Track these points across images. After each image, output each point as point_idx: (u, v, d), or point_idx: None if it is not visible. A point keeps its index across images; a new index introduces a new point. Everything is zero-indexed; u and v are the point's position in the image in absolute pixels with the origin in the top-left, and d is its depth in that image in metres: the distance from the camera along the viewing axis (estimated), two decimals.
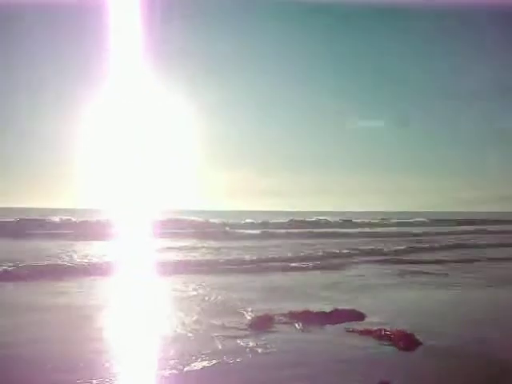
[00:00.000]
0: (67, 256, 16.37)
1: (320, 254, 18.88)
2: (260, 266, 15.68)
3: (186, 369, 5.91)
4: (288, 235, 29.89)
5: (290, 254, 18.43)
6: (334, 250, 20.04)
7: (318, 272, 15.15)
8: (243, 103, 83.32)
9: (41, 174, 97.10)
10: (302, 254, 18.74)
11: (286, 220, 40.58)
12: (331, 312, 8.79)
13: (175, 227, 31.36)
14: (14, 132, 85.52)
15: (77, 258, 15.76)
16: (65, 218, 32.50)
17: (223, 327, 7.88)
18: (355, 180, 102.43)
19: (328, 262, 17.06)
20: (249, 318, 8.41)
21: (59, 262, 14.47)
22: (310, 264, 16.25)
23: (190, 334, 7.47)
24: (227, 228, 32.82)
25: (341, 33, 55.91)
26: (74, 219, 32.35)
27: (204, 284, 11.93)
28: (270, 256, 17.87)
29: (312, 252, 19.29)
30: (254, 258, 17.18)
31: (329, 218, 43.51)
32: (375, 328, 7.71)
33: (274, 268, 15.34)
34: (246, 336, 7.36)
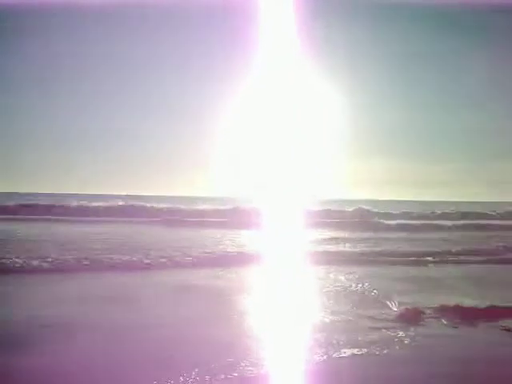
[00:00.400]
0: (221, 244, 17.30)
1: (476, 247, 17.99)
2: (411, 258, 15.41)
3: (334, 355, 6.15)
4: (439, 227, 28.82)
5: (444, 247, 17.82)
6: (492, 244, 18.96)
7: (473, 266, 14.53)
8: (388, 97, 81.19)
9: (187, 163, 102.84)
10: (456, 247, 18.01)
11: (438, 211, 39.14)
12: (486, 308, 8.47)
13: (324, 217, 31.67)
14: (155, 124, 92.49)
15: (229, 247, 16.56)
16: (215, 207, 34.42)
17: (371, 318, 7.97)
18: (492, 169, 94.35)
19: (487, 256, 16.18)
20: (398, 310, 8.42)
21: (216, 250, 15.34)
22: (465, 257, 15.63)
23: (337, 323, 7.66)
24: (376, 218, 32.46)
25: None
26: (222, 207, 34.11)
27: (353, 274, 12.04)
28: (422, 248, 17.46)
29: (467, 245, 18.45)
30: (406, 249, 16.93)
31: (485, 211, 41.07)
32: None
33: (427, 261, 14.99)
34: (394, 328, 7.37)
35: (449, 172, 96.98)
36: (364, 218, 32.13)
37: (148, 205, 33.83)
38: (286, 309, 8.80)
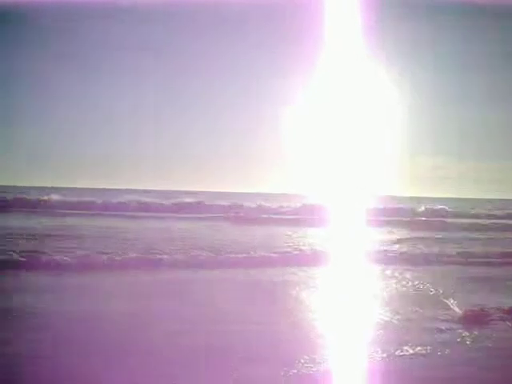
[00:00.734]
0: (288, 242, 17.26)
1: None
2: (479, 258, 14.95)
3: (396, 353, 6.13)
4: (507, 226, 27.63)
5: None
6: None
7: None
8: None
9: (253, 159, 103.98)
10: None
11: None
12: None
13: (390, 215, 31.17)
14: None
15: (295, 245, 16.49)
16: (282, 204, 34.53)
17: (435, 318, 7.86)
18: None
19: None
20: (462, 311, 8.24)
21: (283, 249, 15.25)
22: None
23: (400, 323, 7.61)
24: (444, 216, 31.65)
25: None
26: (288, 204, 34.19)
27: (419, 274, 11.83)
28: (490, 248, 16.93)
29: None
30: (474, 249, 16.50)
31: None
32: None
33: (496, 262, 14.52)
34: (457, 329, 7.27)
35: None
36: (431, 217, 31.41)
37: (215, 201, 34.39)
38: (349, 307, 8.79)
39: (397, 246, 17.31)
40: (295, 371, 5.51)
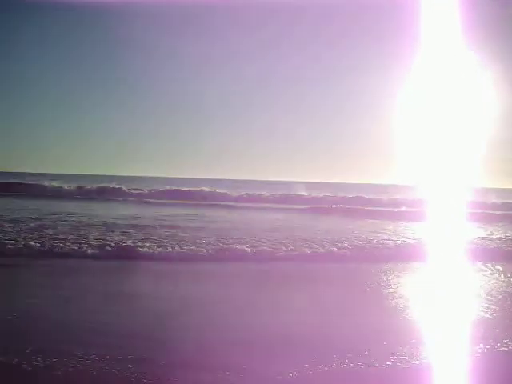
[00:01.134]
0: (381, 236, 16.66)
1: None
2: None
3: (496, 347, 5.92)
4: None
5: None
6: None
7: None
8: None
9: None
10: None
11: None
12: None
13: (483, 208, 30.00)
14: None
15: (389, 238, 15.88)
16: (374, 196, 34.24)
17: None
18: None
19: None
20: None
21: (375, 242, 14.76)
22: None
23: (496, 318, 7.38)
24: None
25: None
26: (390, 196, 33.95)
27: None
28: None
29: None
30: None
31: None
32: None
33: None
34: None
35: None
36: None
37: (316, 192, 34.98)
38: (447, 301, 8.62)
39: (495, 240, 16.51)
40: (390, 364, 5.45)
